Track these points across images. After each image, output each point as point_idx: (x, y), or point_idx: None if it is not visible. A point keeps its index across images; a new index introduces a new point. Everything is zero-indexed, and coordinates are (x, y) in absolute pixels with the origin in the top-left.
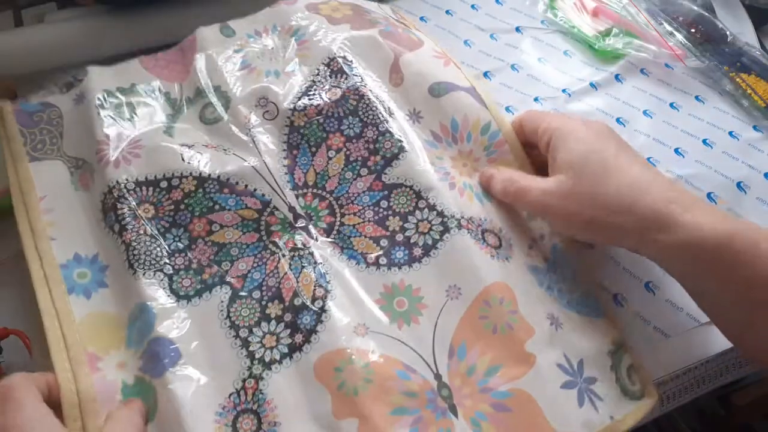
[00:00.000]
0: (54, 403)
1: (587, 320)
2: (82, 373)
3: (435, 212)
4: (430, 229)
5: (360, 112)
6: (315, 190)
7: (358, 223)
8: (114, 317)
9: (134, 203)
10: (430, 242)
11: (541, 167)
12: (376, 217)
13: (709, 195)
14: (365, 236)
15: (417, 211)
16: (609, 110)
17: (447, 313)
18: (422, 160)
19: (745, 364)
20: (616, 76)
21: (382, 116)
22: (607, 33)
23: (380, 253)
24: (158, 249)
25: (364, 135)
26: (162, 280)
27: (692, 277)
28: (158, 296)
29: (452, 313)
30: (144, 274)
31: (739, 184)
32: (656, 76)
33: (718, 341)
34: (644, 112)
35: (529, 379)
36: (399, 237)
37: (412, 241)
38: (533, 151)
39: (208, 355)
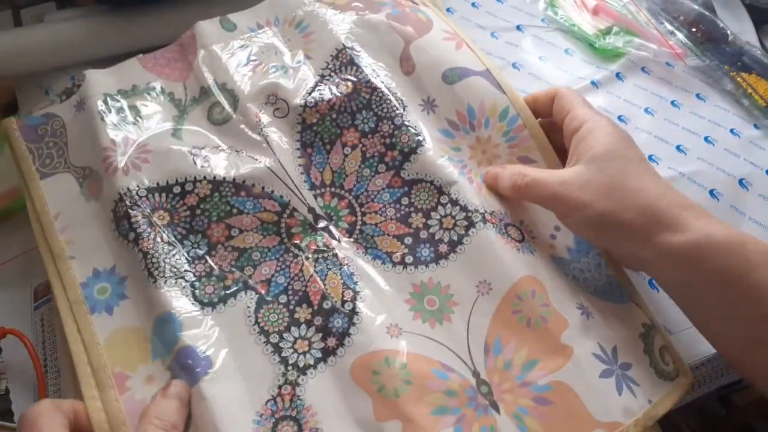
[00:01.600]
0: (82, 429)
1: (615, 307)
2: (110, 399)
3: (458, 207)
4: (455, 224)
5: (374, 106)
6: (333, 189)
7: (380, 222)
8: (138, 330)
9: (148, 210)
10: (455, 238)
11: (557, 151)
12: (398, 215)
13: (711, 192)
14: (388, 235)
15: (440, 207)
16: (610, 108)
17: (479, 310)
18: (439, 153)
19: None
20: (617, 75)
21: (397, 109)
22: (607, 31)
23: (405, 251)
24: (177, 256)
25: (379, 129)
26: (184, 287)
27: (693, 285)
28: (182, 304)
29: (484, 309)
30: (165, 282)
31: (741, 181)
32: (657, 74)
33: None
34: (645, 110)
35: (567, 371)
36: (423, 234)
37: (436, 237)
38: (550, 134)
39: (239, 362)
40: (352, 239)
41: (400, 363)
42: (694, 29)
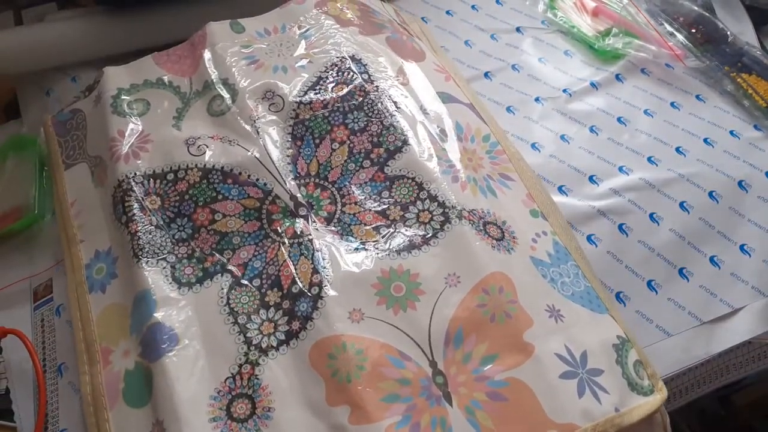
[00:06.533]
0: None
1: (591, 314)
2: (96, 372)
3: (436, 203)
4: (431, 219)
5: (365, 108)
6: (317, 180)
7: (359, 212)
8: (122, 307)
9: (141, 195)
10: (430, 232)
11: None
12: (377, 207)
13: (710, 194)
14: (365, 224)
15: (418, 201)
16: (610, 110)
17: (444, 300)
18: (426, 152)
19: (746, 363)
20: (617, 76)
21: (388, 112)
22: (606, 33)
23: (380, 240)
24: (163, 239)
25: (368, 129)
26: (165, 268)
27: None
28: (160, 283)
29: (450, 300)
30: (147, 263)
31: (740, 183)
32: (657, 75)
33: (720, 340)
34: (645, 112)
35: (526, 369)
36: (399, 226)
37: (412, 229)
38: None
39: (205, 340)
40: (329, 227)
41: (357, 348)
42: (693, 30)
